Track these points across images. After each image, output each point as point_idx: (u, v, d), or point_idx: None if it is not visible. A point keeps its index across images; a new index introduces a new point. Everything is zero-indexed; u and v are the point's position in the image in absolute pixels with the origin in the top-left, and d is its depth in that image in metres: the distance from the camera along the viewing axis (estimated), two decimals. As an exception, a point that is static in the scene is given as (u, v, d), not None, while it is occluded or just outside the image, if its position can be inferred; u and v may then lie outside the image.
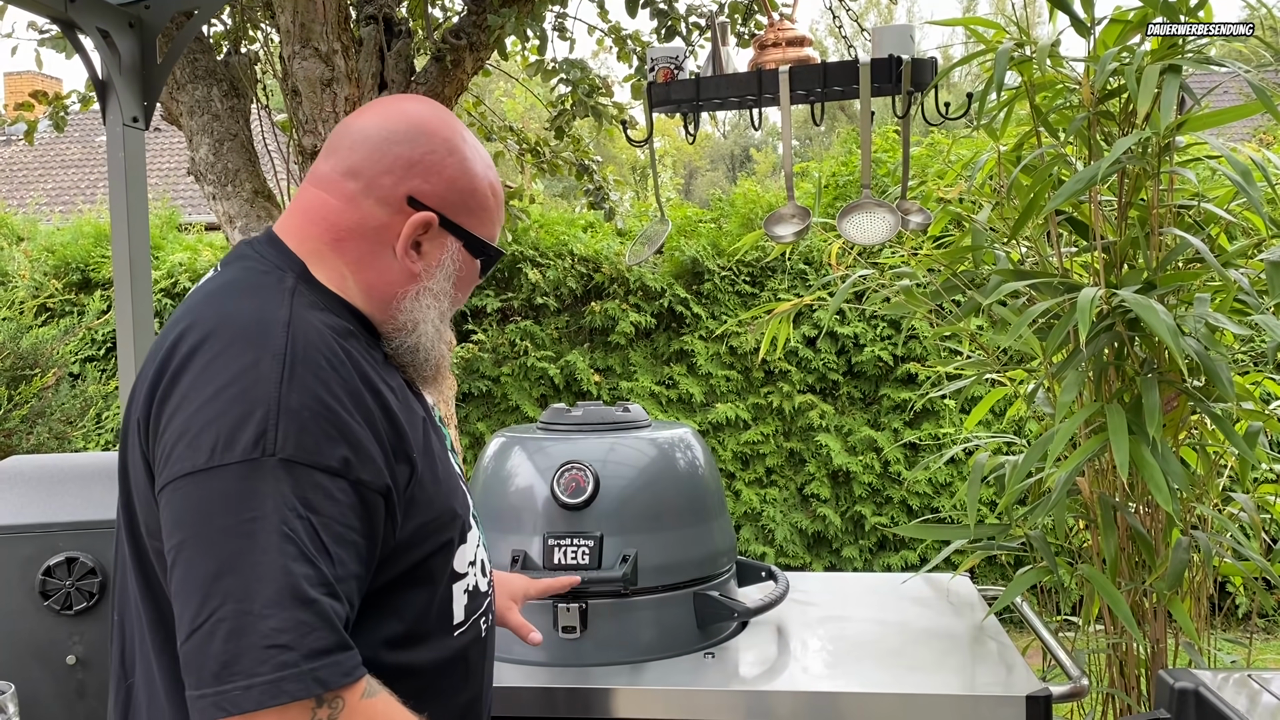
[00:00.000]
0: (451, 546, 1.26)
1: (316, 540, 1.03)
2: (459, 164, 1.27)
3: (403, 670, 1.20)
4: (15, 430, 4.15)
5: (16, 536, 1.80)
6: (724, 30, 2.21)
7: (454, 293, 1.31)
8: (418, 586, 1.21)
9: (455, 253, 1.29)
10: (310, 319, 1.16)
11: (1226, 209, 2.29)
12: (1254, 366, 2.39)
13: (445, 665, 1.27)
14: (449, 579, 1.26)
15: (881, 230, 2.04)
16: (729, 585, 2.07)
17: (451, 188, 1.27)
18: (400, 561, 1.18)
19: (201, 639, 0.99)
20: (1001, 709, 1.71)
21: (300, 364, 1.09)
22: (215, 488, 1.03)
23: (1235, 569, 2.34)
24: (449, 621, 1.27)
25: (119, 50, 2.32)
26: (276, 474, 1.03)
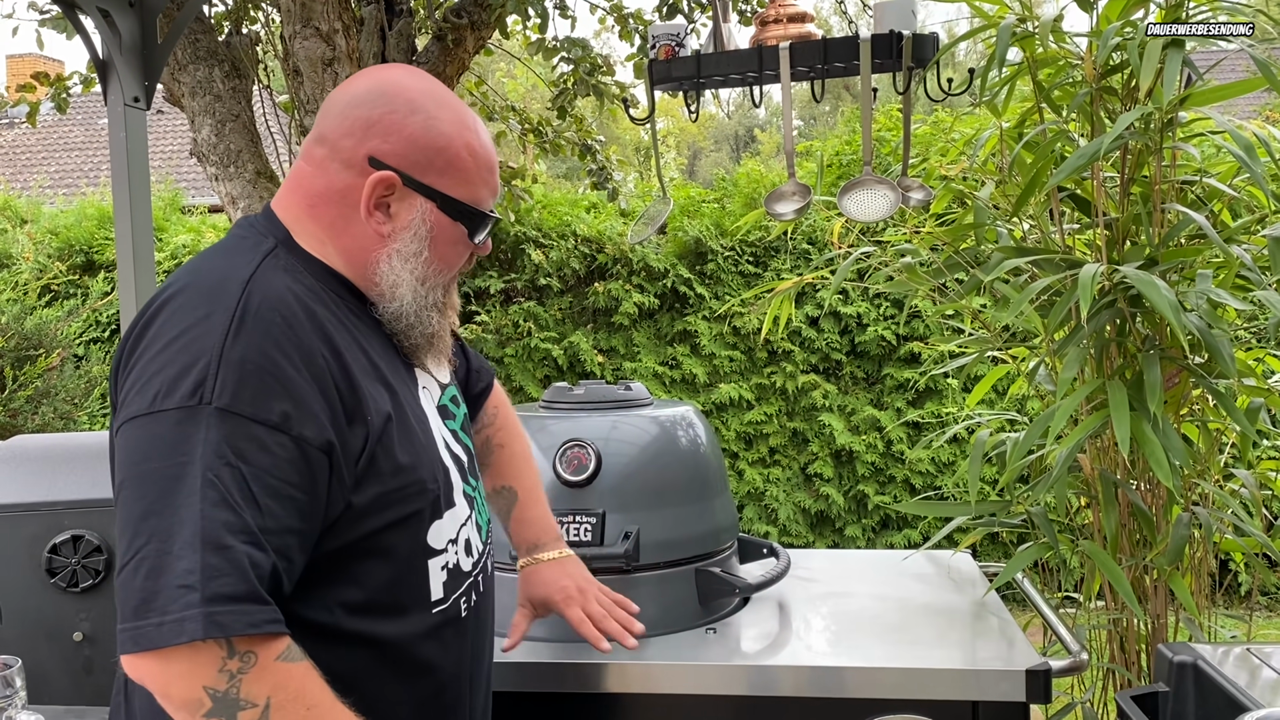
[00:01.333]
0: (420, 520, 1.26)
1: (245, 489, 1.05)
2: (422, 122, 1.27)
3: (367, 639, 1.21)
4: (20, 410, 4.18)
5: (22, 515, 1.81)
6: (725, 7, 2.20)
7: (432, 255, 1.30)
8: (377, 556, 1.21)
9: (427, 213, 1.28)
10: (274, 279, 1.18)
11: (1229, 184, 2.28)
12: (1256, 342, 2.39)
13: (419, 640, 1.26)
14: (421, 553, 1.26)
15: (882, 207, 2.04)
16: (731, 562, 2.08)
17: (413, 145, 1.26)
18: (357, 527, 1.18)
19: (127, 575, 1.03)
20: (1002, 682, 1.72)
21: (250, 319, 1.12)
22: (154, 431, 1.07)
23: (1236, 545, 2.35)
24: (424, 597, 1.27)
25: (120, 30, 2.32)
26: (210, 422, 1.06)
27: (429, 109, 1.28)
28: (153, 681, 1.04)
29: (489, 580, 1.44)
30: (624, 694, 1.80)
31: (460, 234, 1.32)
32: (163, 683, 1.03)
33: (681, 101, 2.32)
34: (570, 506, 1.90)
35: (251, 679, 1.03)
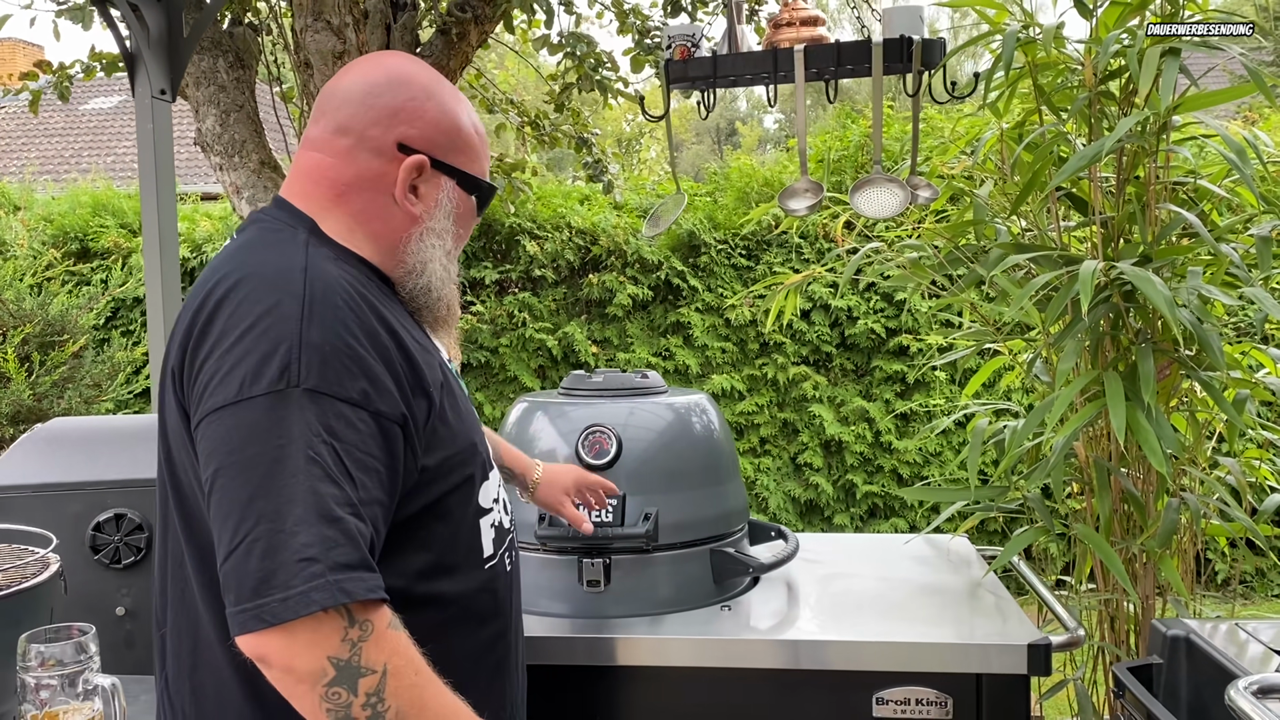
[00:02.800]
0: (474, 481, 1.34)
1: (340, 464, 1.10)
2: (439, 106, 1.36)
3: (433, 600, 1.28)
4: (46, 395, 4.22)
5: (67, 494, 1.88)
6: (740, 9, 2.28)
7: (455, 229, 1.40)
8: (443, 519, 1.29)
9: (450, 191, 1.37)
10: (325, 266, 1.23)
11: (1219, 185, 2.39)
12: (1243, 337, 2.50)
13: (474, 596, 1.34)
14: (474, 513, 1.34)
15: (892, 204, 2.13)
16: (742, 543, 2.17)
17: (437, 129, 1.35)
18: (426, 493, 1.26)
19: (239, 558, 1.06)
20: (1004, 656, 1.81)
21: (318, 304, 1.17)
22: (245, 418, 1.10)
23: (1222, 530, 2.46)
24: (479, 555, 1.35)
25: (148, 24, 2.38)
26: (302, 403, 1.10)
27: (440, 93, 1.37)
28: (277, 657, 1.05)
29: (515, 537, 1.54)
30: (644, 666, 1.89)
31: (472, 206, 1.42)
32: (287, 657, 1.05)
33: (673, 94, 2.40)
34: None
35: (370, 646, 1.07)
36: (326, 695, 1.05)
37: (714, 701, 1.87)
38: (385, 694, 1.07)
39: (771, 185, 5.97)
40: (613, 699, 1.90)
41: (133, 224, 6.50)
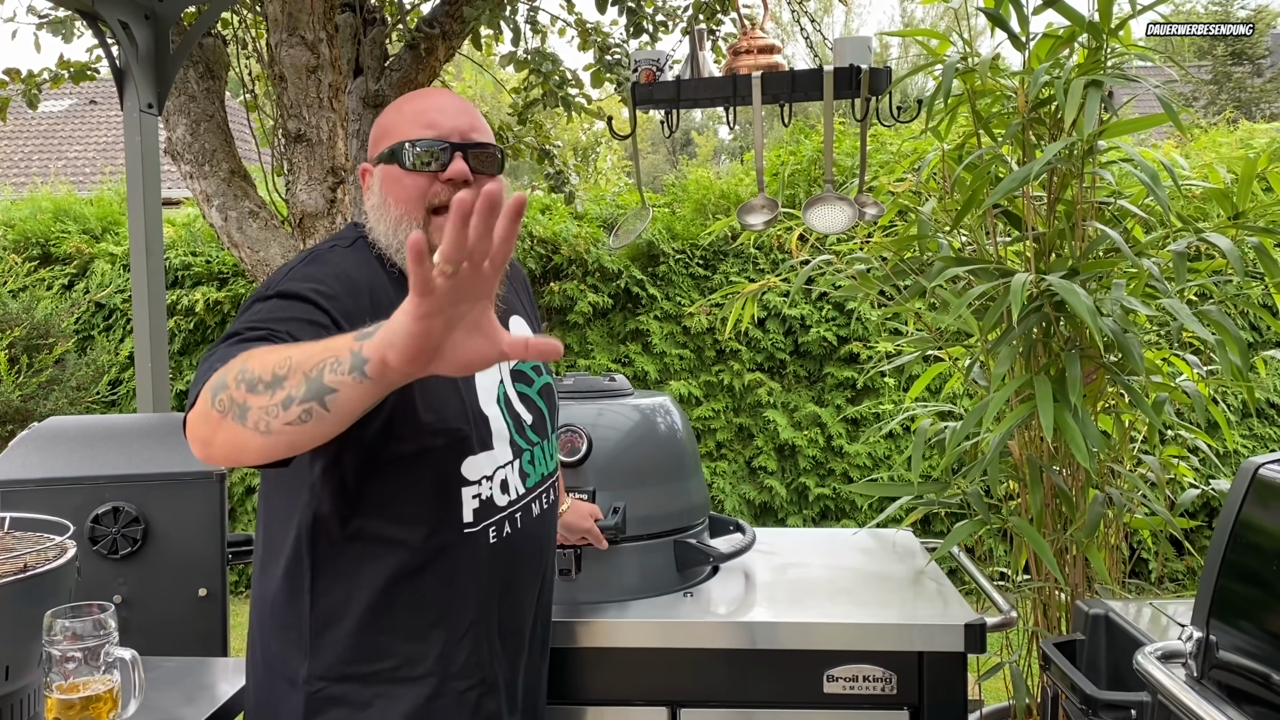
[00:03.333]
0: (452, 451, 1.52)
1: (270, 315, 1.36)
2: (378, 122, 1.61)
3: (400, 543, 1.50)
4: (33, 395, 4.28)
5: (67, 488, 1.99)
6: (702, 36, 2.44)
7: (391, 200, 1.54)
8: (416, 477, 1.50)
9: (377, 173, 1.58)
10: (356, 248, 1.56)
11: (1141, 205, 2.59)
12: (1164, 344, 2.70)
13: (446, 553, 1.53)
14: (456, 481, 1.52)
15: (842, 220, 2.30)
16: (703, 535, 2.32)
17: (371, 139, 1.60)
18: (402, 442, 1.47)
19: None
20: (943, 635, 1.98)
21: (321, 257, 1.52)
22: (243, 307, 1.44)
23: (1144, 523, 2.66)
24: (455, 519, 1.53)
25: (136, 41, 2.49)
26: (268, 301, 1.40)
27: (385, 113, 1.61)
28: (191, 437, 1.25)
29: (533, 522, 1.66)
30: (612, 648, 2.03)
31: (397, 170, 1.54)
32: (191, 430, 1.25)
33: (622, 106, 2.56)
34: (566, 484, 2.12)
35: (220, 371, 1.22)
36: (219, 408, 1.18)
37: (677, 680, 2.02)
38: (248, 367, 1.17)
39: (728, 198, 6.15)
40: (583, 679, 2.03)
41: (94, 229, 6.52)
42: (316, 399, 1.09)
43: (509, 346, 1.04)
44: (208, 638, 2.09)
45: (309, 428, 1.12)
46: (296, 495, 1.51)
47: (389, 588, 1.51)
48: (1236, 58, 16.17)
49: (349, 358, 1.06)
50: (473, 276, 0.98)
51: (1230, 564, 1.49)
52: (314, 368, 1.09)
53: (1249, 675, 1.41)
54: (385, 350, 1.02)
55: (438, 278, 0.97)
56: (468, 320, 1.02)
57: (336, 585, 1.51)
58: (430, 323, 0.99)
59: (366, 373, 1.05)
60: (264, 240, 4.12)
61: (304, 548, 1.51)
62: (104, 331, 6.19)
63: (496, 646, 1.60)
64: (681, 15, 4.85)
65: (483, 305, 1.03)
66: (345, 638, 1.51)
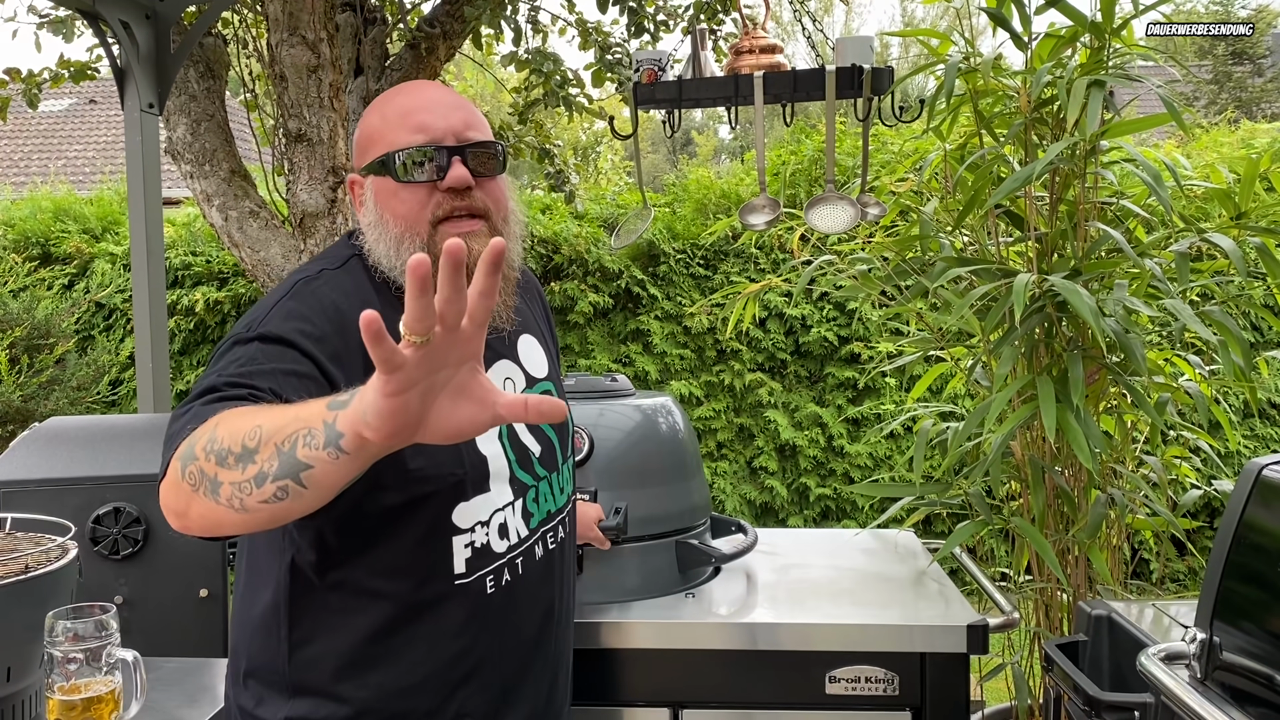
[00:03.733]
0: (440, 499, 1.39)
1: (247, 366, 1.25)
2: (359, 128, 1.49)
3: (388, 596, 1.40)
4: (33, 396, 4.29)
5: (68, 488, 1.98)
6: (702, 36, 2.44)
7: (388, 215, 1.42)
8: (401, 526, 1.38)
9: (369, 185, 1.45)
10: (349, 271, 1.43)
11: (1143, 204, 2.59)
12: (1167, 345, 2.70)
13: (437, 606, 1.41)
14: (446, 530, 1.40)
15: (844, 220, 2.29)
16: (705, 536, 2.32)
17: (356, 149, 1.48)
18: (379, 495, 1.35)
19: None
20: (946, 636, 1.97)
21: (309, 286, 1.39)
22: (215, 354, 1.32)
23: (1146, 524, 2.65)
24: (445, 570, 1.41)
25: (137, 41, 2.48)
26: (251, 344, 1.29)
27: (366, 115, 1.49)
28: (163, 501, 1.20)
29: (537, 565, 1.53)
30: (614, 649, 2.02)
31: (391, 183, 1.41)
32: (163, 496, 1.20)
33: (623, 105, 2.56)
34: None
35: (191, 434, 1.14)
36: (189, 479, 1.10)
37: (679, 681, 2.02)
38: (217, 436, 1.08)
39: (728, 198, 6.15)
40: (585, 680, 2.03)
41: (94, 229, 6.52)
42: (291, 476, 0.99)
43: (505, 409, 0.93)
44: (209, 639, 2.09)
45: (287, 505, 1.02)
46: (273, 541, 1.42)
47: (372, 641, 1.41)
48: (1237, 57, 16.18)
49: (323, 431, 0.96)
50: (448, 340, 0.87)
51: (1234, 565, 1.48)
52: (286, 439, 0.98)
53: (1252, 676, 1.41)
54: (360, 427, 0.92)
55: (405, 349, 0.86)
56: (451, 387, 0.92)
57: (316, 636, 1.41)
58: (404, 399, 0.88)
59: (343, 447, 0.95)
60: (264, 240, 4.11)
61: (282, 595, 1.42)
62: (104, 331, 6.19)
63: (497, 699, 1.48)
64: (682, 15, 4.85)
65: (468, 368, 0.92)
66: (325, 690, 1.41)
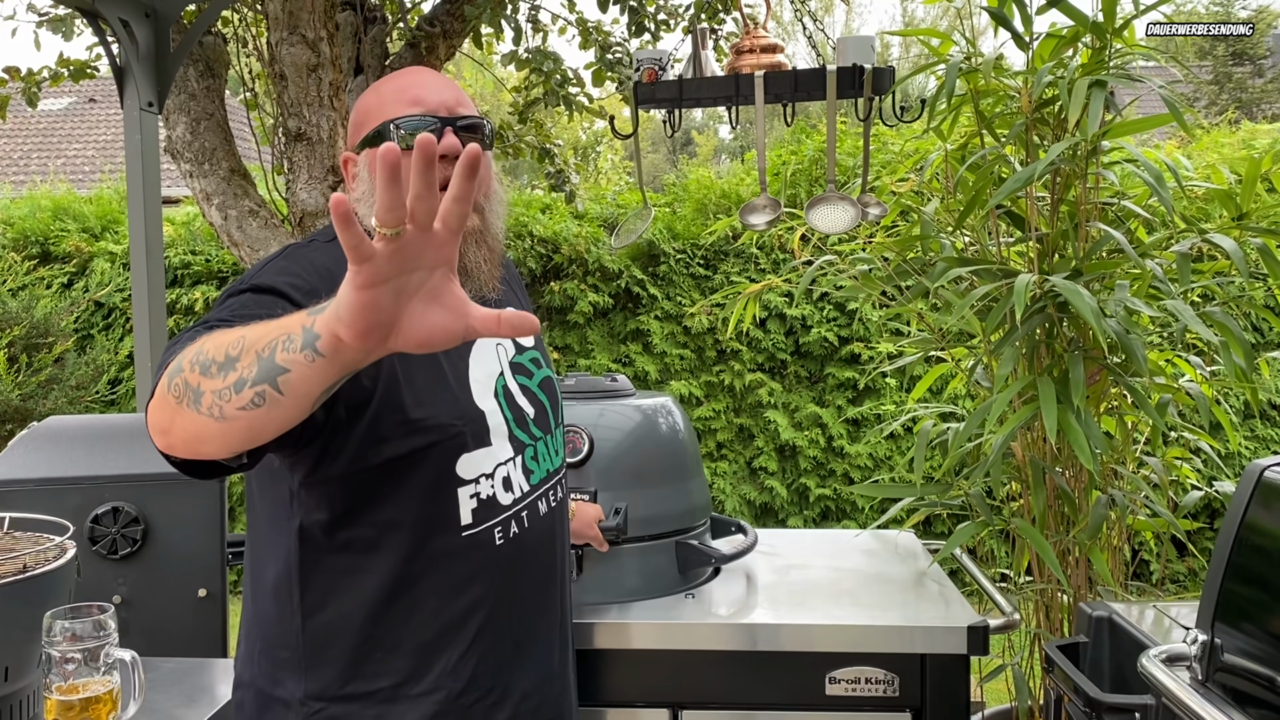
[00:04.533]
0: (443, 450, 1.42)
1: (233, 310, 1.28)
2: (355, 106, 1.54)
3: (395, 550, 1.41)
4: (32, 394, 4.28)
5: (66, 488, 1.98)
6: (703, 36, 2.43)
7: (374, 184, 1.48)
8: (405, 479, 1.40)
9: (361, 160, 1.51)
10: (318, 248, 1.46)
11: (1144, 205, 2.58)
12: (1168, 346, 2.69)
13: (447, 558, 1.44)
14: (451, 482, 1.43)
15: (844, 220, 2.29)
16: (705, 536, 2.31)
17: (351, 127, 1.53)
18: (385, 446, 1.37)
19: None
20: (946, 638, 1.97)
21: (300, 250, 1.45)
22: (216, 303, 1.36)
23: (1147, 525, 2.65)
24: (453, 521, 1.43)
25: (137, 39, 2.48)
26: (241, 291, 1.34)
27: (363, 97, 1.53)
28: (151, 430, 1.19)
29: (543, 519, 1.57)
30: (614, 650, 2.02)
31: (375, 153, 1.49)
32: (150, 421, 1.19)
33: (623, 105, 2.56)
34: (568, 485, 2.11)
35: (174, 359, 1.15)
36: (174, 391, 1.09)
37: (679, 682, 2.01)
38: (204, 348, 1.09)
39: (728, 197, 6.14)
40: (585, 680, 2.02)
41: (94, 228, 6.51)
42: (269, 380, 1.00)
43: (478, 321, 0.93)
44: (208, 638, 2.09)
45: (263, 412, 1.02)
46: (280, 507, 1.44)
47: (385, 600, 1.43)
48: (1237, 58, 16.18)
49: (300, 334, 0.96)
50: (420, 239, 0.87)
51: (1235, 567, 1.48)
52: (266, 346, 1.00)
53: (1254, 678, 1.40)
54: (335, 325, 0.92)
55: (376, 242, 0.86)
56: (425, 290, 0.91)
57: (329, 601, 1.43)
58: (375, 293, 0.88)
59: (319, 349, 0.95)
60: (264, 239, 4.11)
61: (292, 563, 1.43)
62: (103, 330, 6.19)
63: (509, 654, 1.51)
64: (683, 14, 4.84)
65: (441, 273, 0.92)
66: (341, 656, 1.43)
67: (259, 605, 1.49)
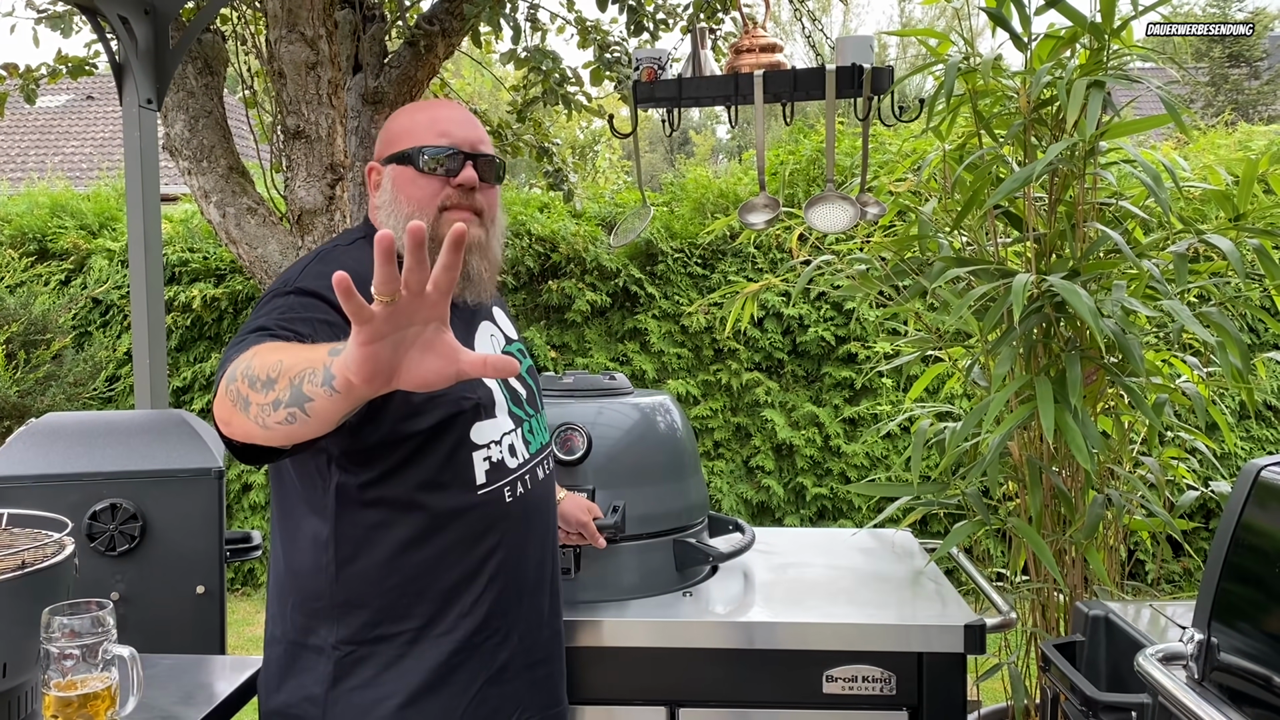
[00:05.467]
0: (462, 419, 1.61)
1: (280, 314, 1.47)
2: (386, 127, 1.72)
3: (426, 507, 1.59)
4: (30, 391, 4.28)
5: (65, 484, 1.98)
6: (702, 35, 2.44)
7: (402, 199, 1.64)
8: (432, 444, 1.58)
9: (388, 173, 1.67)
10: (346, 251, 1.65)
11: (1142, 205, 2.59)
12: (1164, 345, 2.70)
13: (464, 514, 1.62)
14: (467, 446, 1.62)
15: (843, 220, 2.29)
16: (703, 534, 2.32)
17: (381, 140, 1.71)
18: (412, 422, 1.56)
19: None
20: (943, 636, 1.98)
21: (329, 254, 1.64)
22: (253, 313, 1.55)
23: (1143, 524, 2.66)
24: (470, 481, 1.62)
25: (136, 35, 2.48)
26: (284, 298, 1.52)
27: (394, 116, 1.72)
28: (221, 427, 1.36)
29: (540, 484, 1.76)
30: (611, 647, 2.02)
31: (408, 171, 1.65)
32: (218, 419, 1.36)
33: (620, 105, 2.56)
34: (565, 483, 2.11)
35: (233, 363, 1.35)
36: (230, 397, 1.30)
37: (676, 680, 2.02)
38: (253, 365, 1.28)
39: (726, 197, 6.15)
40: (582, 678, 2.03)
41: (91, 225, 6.50)
42: (298, 405, 1.19)
43: (467, 365, 1.11)
44: (205, 635, 2.09)
45: (297, 428, 1.22)
46: (318, 471, 1.59)
47: (410, 551, 1.59)
48: (1233, 60, 16.21)
49: (321, 372, 1.15)
50: (414, 302, 1.04)
51: (1232, 566, 1.48)
52: (297, 375, 1.19)
53: (1250, 678, 1.41)
54: (345, 370, 1.10)
55: (375, 307, 1.03)
56: (420, 341, 1.09)
57: (360, 553, 1.58)
58: (375, 348, 1.06)
59: (335, 387, 1.14)
60: (262, 237, 4.10)
61: (329, 519, 1.58)
62: (101, 327, 6.18)
63: (514, 600, 1.67)
64: (681, 14, 4.84)
65: (434, 326, 1.09)
66: (371, 602, 1.58)
67: (293, 562, 1.63)
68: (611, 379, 2.32)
